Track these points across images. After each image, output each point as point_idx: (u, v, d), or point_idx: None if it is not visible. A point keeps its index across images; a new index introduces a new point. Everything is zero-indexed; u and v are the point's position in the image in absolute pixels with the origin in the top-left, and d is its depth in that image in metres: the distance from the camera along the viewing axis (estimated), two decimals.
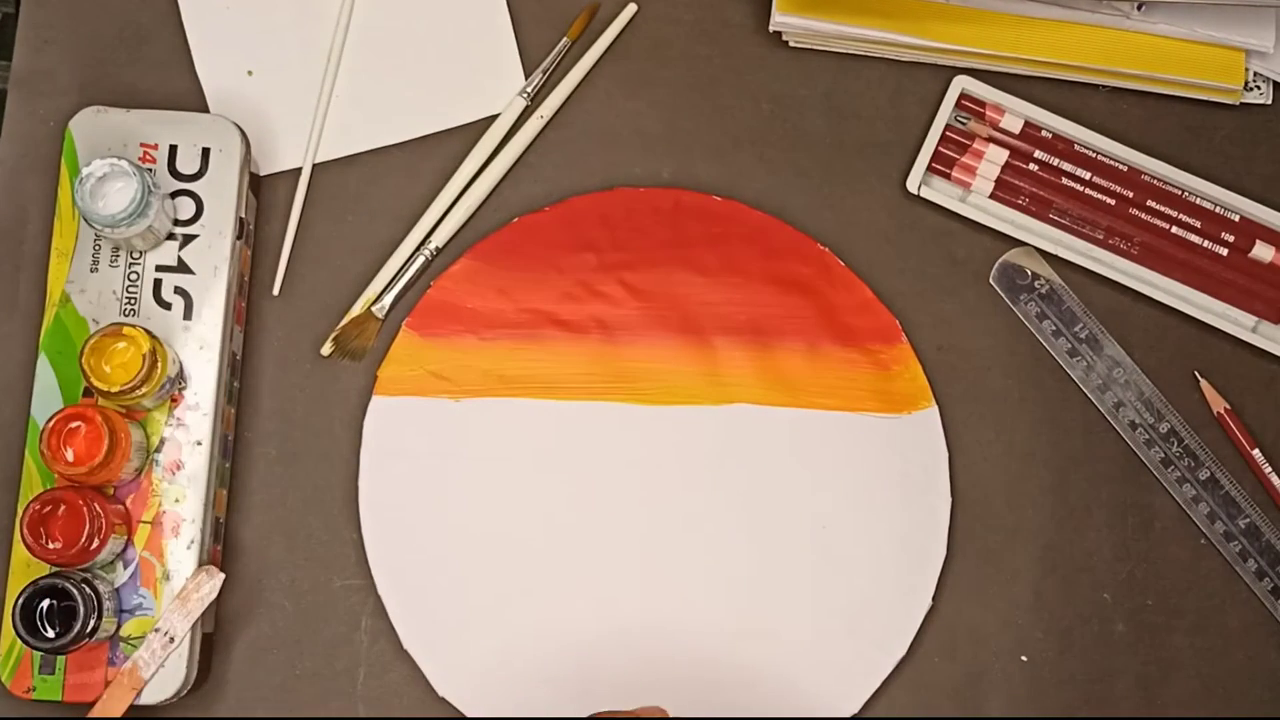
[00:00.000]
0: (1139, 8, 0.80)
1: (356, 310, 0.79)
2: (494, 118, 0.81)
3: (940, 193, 0.80)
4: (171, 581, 0.72)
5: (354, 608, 0.76)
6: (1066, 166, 0.80)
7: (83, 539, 0.68)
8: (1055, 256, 0.80)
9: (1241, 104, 0.82)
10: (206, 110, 0.80)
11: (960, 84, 0.81)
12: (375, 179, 0.80)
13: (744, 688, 0.76)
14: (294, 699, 0.76)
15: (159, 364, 0.70)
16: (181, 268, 0.75)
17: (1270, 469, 0.79)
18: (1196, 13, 0.79)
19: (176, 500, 0.73)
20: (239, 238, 0.76)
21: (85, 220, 0.71)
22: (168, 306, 0.74)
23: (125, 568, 0.72)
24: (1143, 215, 0.80)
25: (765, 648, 0.76)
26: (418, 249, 0.79)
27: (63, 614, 0.69)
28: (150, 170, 0.74)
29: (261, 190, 0.80)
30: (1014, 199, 0.80)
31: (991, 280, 0.80)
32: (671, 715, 0.75)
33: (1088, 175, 0.80)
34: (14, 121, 0.80)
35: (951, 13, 0.80)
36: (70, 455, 0.69)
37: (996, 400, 0.79)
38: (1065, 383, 0.80)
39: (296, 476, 0.78)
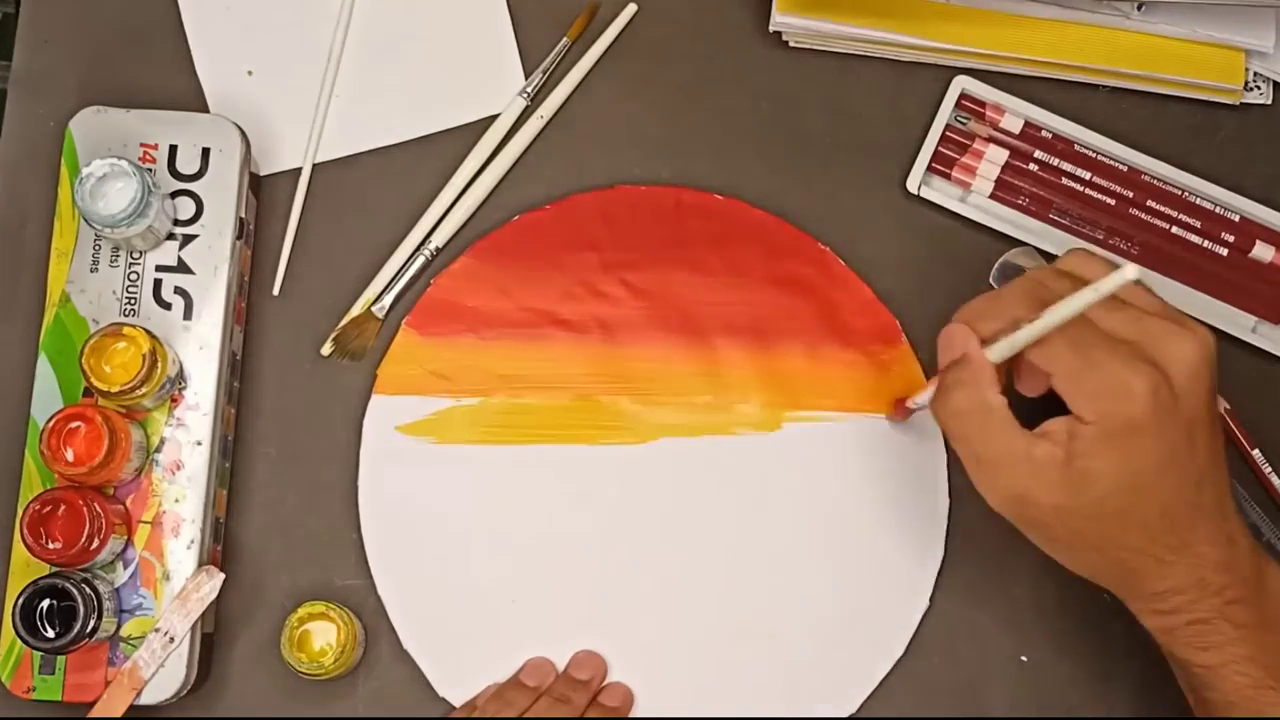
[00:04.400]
0: (1139, 8, 0.79)
1: (356, 310, 0.79)
2: (494, 118, 0.81)
3: (940, 193, 0.80)
4: (171, 581, 0.72)
5: (354, 608, 0.76)
6: (1066, 166, 0.80)
7: (83, 539, 0.68)
8: (1055, 256, 0.79)
9: (1241, 104, 0.82)
10: (206, 110, 0.80)
11: (960, 84, 0.81)
12: (375, 179, 0.80)
13: (743, 687, 0.76)
14: (294, 699, 0.76)
15: (159, 364, 0.70)
16: (181, 268, 0.75)
17: (1270, 469, 0.79)
18: (1196, 13, 0.79)
19: (176, 500, 0.73)
20: (239, 238, 0.76)
21: (85, 220, 0.71)
22: (168, 306, 0.74)
23: (125, 568, 0.72)
24: (1143, 215, 0.80)
25: (764, 647, 0.76)
26: (418, 249, 0.79)
27: (63, 614, 0.69)
28: (150, 170, 0.74)
29: (261, 190, 0.80)
30: (1014, 199, 0.80)
31: (991, 280, 0.80)
32: (671, 716, 0.75)
33: (1088, 175, 0.80)
34: (14, 121, 0.80)
35: (951, 13, 0.80)
36: (70, 455, 0.69)
37: None
38: None
39: (296, 476, 0.78)
